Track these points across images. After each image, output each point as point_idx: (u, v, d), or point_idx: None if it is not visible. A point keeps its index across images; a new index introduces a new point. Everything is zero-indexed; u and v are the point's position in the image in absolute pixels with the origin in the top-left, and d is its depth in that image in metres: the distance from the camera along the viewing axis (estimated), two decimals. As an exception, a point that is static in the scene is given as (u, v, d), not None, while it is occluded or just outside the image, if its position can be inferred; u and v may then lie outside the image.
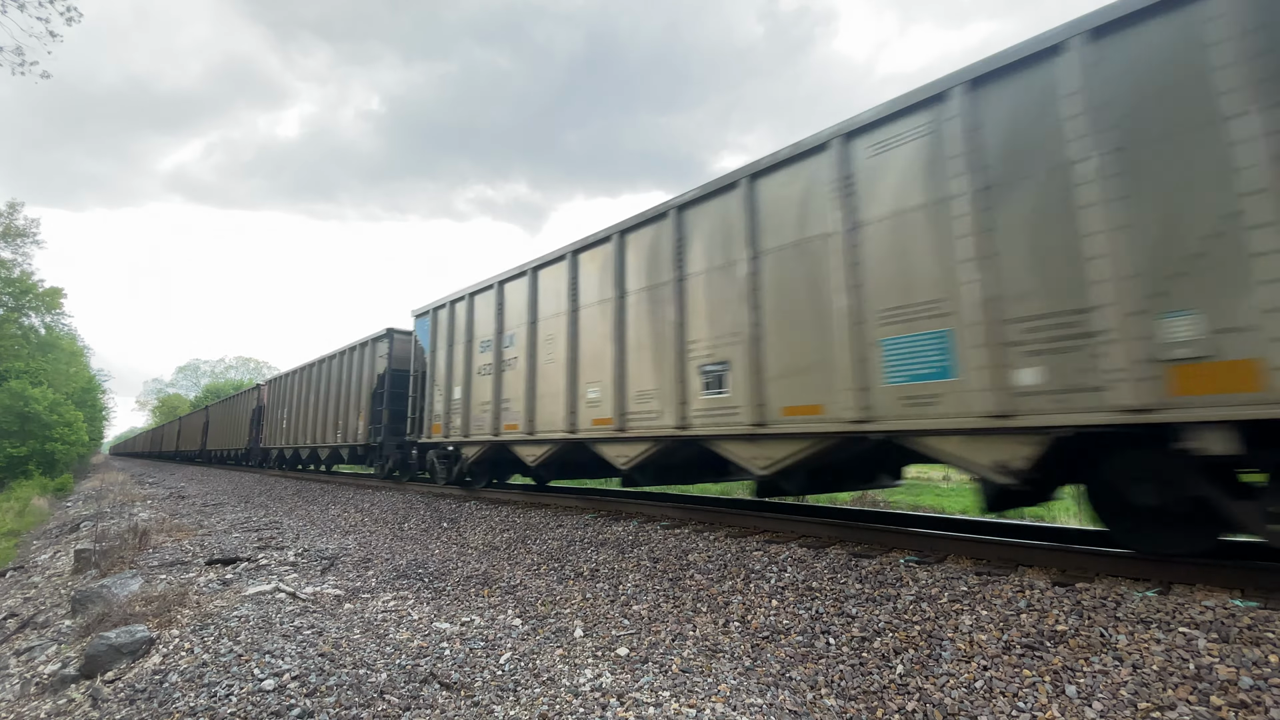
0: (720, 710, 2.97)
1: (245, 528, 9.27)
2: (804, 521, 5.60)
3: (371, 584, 5.59)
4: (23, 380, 28.82)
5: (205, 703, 3.20)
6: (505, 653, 3.77)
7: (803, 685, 3.23)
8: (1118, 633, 3.03)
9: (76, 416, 31.62)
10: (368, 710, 3.07)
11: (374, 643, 3.94)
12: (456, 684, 3.37)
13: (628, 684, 3.29)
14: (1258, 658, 2.65)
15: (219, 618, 4.44)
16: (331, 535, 8.45)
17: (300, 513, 11.01)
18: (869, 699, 3.04)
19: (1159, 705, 2.56)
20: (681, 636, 3.93)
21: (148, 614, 4.59)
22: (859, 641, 3.52)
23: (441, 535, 7.68)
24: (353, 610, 4.72)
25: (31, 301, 29.50)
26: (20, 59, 11.52)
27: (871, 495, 18.43)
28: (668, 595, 4.60)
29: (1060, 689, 2.79)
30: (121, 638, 4.04)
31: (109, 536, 8.11)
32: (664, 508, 6.86)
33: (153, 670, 3.67)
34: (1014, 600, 3.49)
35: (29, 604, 6.66)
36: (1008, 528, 5.60)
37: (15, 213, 28.83)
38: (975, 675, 3.00)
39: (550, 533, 6.68)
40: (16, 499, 19.13)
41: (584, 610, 4.57)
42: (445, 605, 4.86)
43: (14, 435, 27.79)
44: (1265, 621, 2.85)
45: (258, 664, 3.57)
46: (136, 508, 12.81)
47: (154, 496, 15.52)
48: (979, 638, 3.26)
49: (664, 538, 5.73)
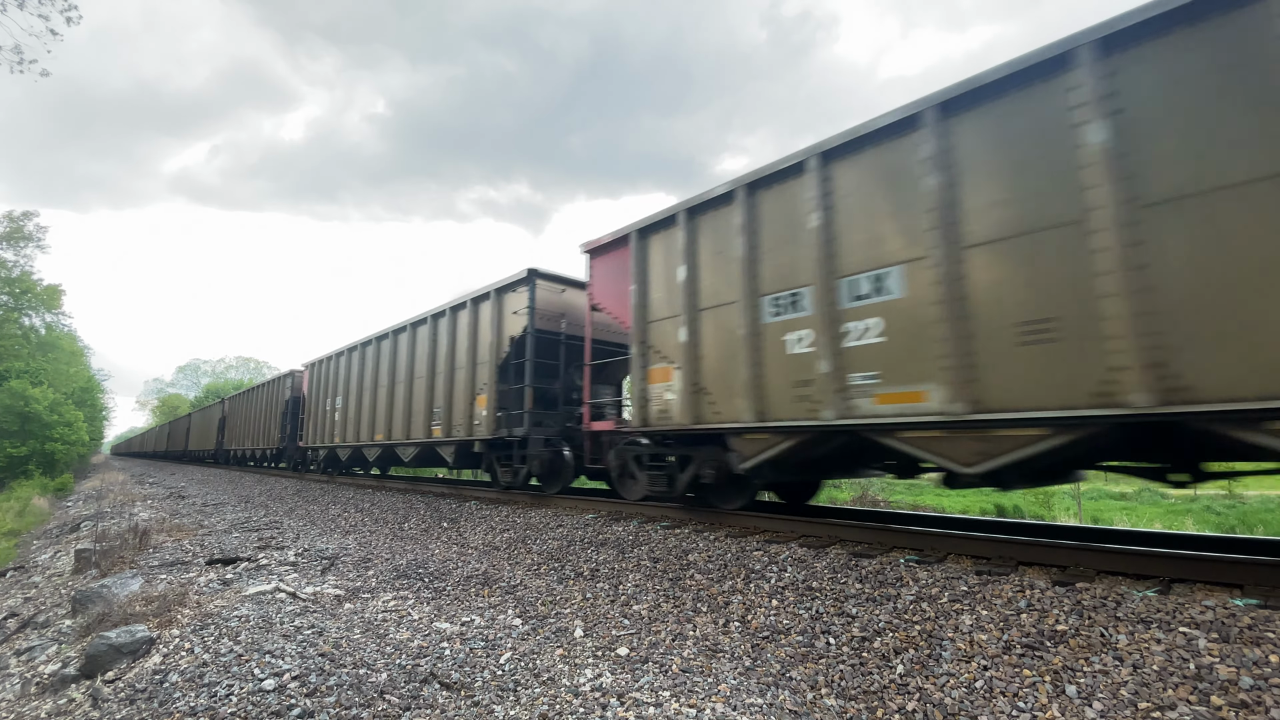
0: (720, 710, 2.97)
1: (245, 527, 9.27)
2: (804, 521, 5.60)
3: (372, 584, 5.59)
4: (23, 380, 28.85)
5: (205, 703, 3.20)
6: (505, 653, 3.77)
7: (803, 685, 3.23)
8: (1118, 632, 3.03)
9: (76, 416, 31.65)
10: (368, 710, 3.07)
11: (374, 642, 3.94)
12: (457, 684, 3.37)
13: (628, 684, 3.29)
14: (1258, 657, 2.65)
15: (219, 618, 4.44)
16: (332, 535, 8.45)
17: (300, 513, 11.01)
18: (869, 699, 3.04)
19: (1159, 705, 2.56)
20: (682, 636, 3.93)
21: (148, 614, 4.59)
22: (859, 641, 3.52)
23: (441, 535, 7.68)
24: (353, 610, 4.72)
25: (31, 301, 29.53)
26: (19, 58, 11.52)
27: (871, 495, 18.43)
28: (668, 595, 4.60)
29: (1060, 689, 2.79)
30: (122, 638, 4.04)
31: (109, 536, 8.11)
32: (665, 509, 6.85)
33: (153, 670, 3.67)
34: (1014, 600, 3.49)
35: (29, 604, 6.66)
36: (1008, 527, 5.61)
37: (27, 220, 28.92)
38: (975, 675, 3.00)
39: (550, 533, 6.68)
40: (17, 499, 19.13)
41: (584, 610, 4.57)
42: (445, 605, 4.86)
43: (14, 435, 27.81)
44: (1265, 621, 2.85)
45: (258, 664, 3.57)
46: (136, 508, 12.82)
47: (154, 496, 15.52)
48: (979, 637, 3.26)
49: (664, 538, 5.73)
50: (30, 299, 29.42)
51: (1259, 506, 17.59)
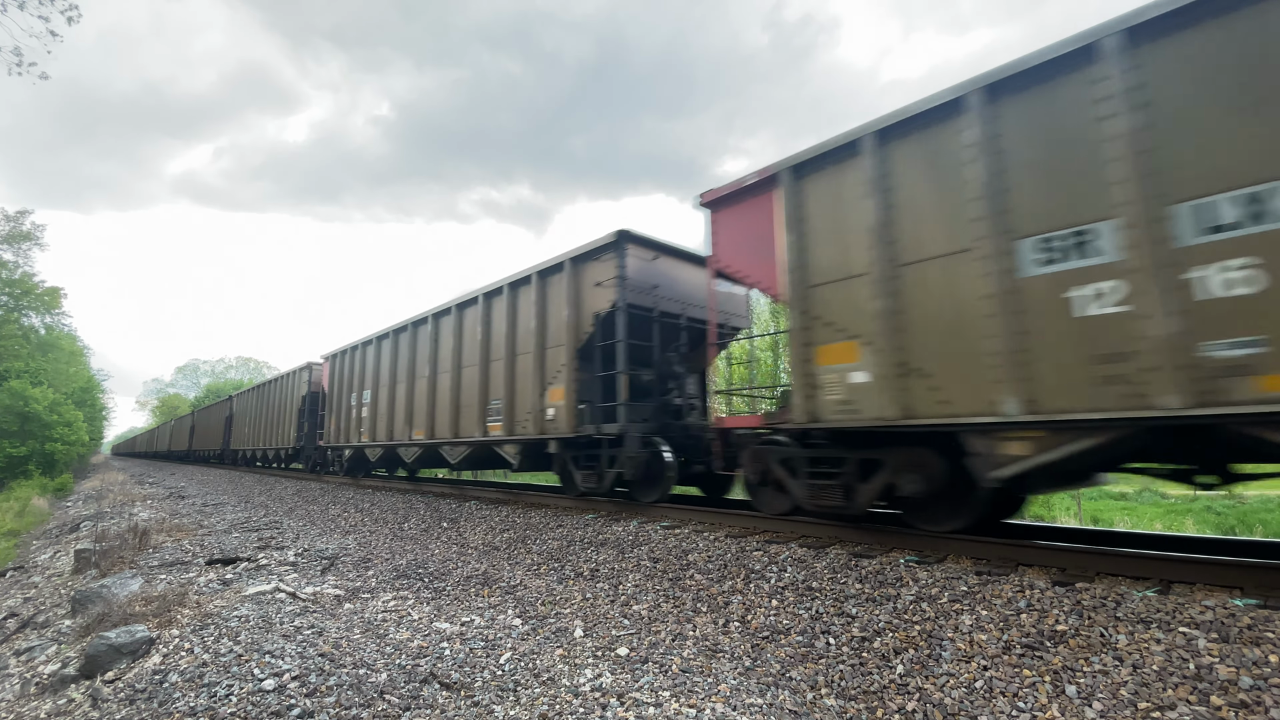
0: (720, 710, 2.97)
1: (245, 528, 9.27)
2: (804, 522, 5.60)
3: (371, 584, 5.59)
4: (23, 380, 28.86)
5: (205, 703, 3.20)
6: (505, 653, 3.77)
7: (803, 685, 3.23)
8: (1118, 633, 3.03)
9: (76, 416, 31.65)
10: (368, 710, 3.07)
11: (374, 643, 3.94)
12: (456, 684, 3.37)
13: (628, 684, 3.29)
14: (1258, 657, 2.66)
15: (219, 618, 4.44)
16: (331, 535, 8.45)
17: (300, 513, 11.01)
18: (869, 699, 3.04)
19: (1159, 705, 2.56)
20: (681, 636, 3.93)
21: (148, 614, 4.59)
22: (859, 641, 3.52)
23: (441, 535, 7.68)
24: (353, 610, 4.72)
25: (31, 301, 29.56)
26: (19, 59, 11.52)
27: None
28: (668, 595, 4.60)
29: (1060, 689, 2.79)
30: (121, 638, 4.04)
31: (109, 536, 8.11)
32: (664, 508, 6.85)
33: (153, 670, 3.67)
34: (1014, 600, 3.49)
35: (29, 604, 6.66)
36: (1008, 528, 5.60)
37: (23, 218, 28.98)
38: (975, 675, 3.01)
39: (550, 533, 6.68)
40: (16, 499, 19.14)
41: (584, 610, 4.57)
42: (445, 605, 4.86)
43: (14, 435, 27.82)
44: (1265, 621, 2.85)
45: (258, 664, 3.57)
46: (136, 508, 12.81)
47: (154, 497, 15.52)
48: (979, 638, 3.26)
49: (664, 538, 5.73)
50: (30, 300, 29.46)
51: (1259, 506, 17.58)
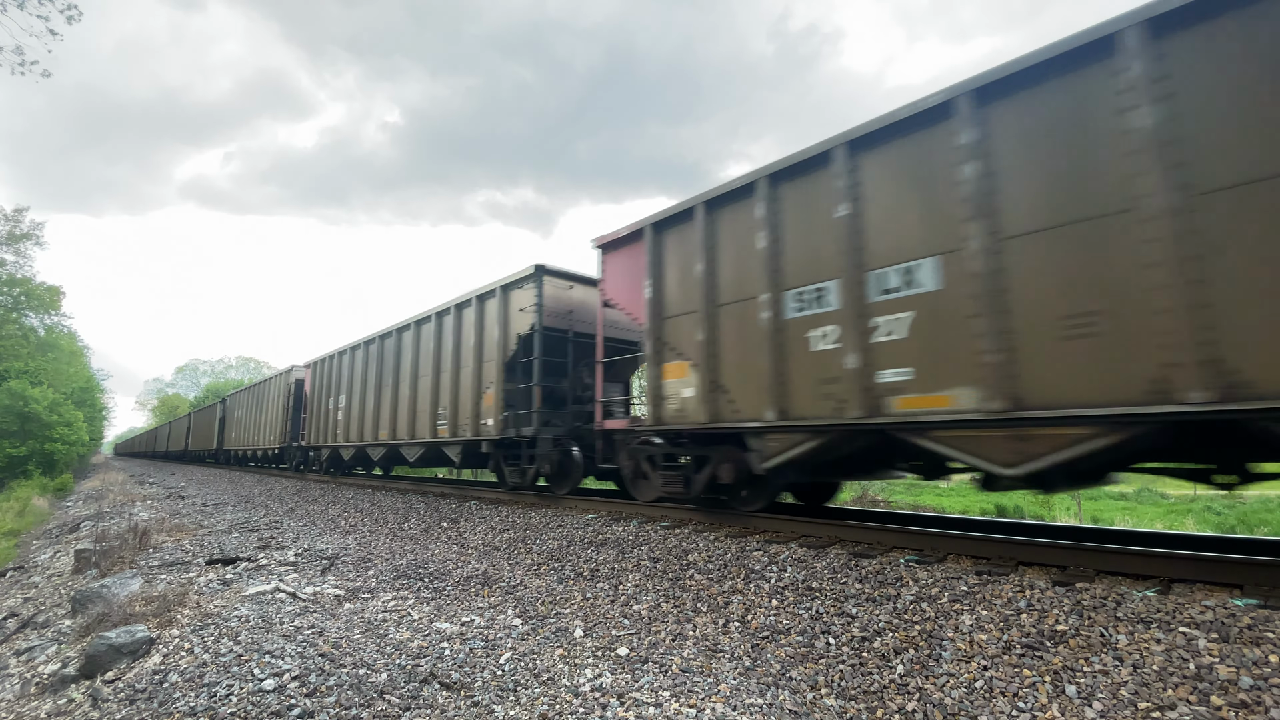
0: (720, 710, 2.97)
1: (245, 528, 9.27)
2: (804, 521, 5.60)
3: (371, 584, 5.59)
4: (23, 380, 28.84)
5: (205, 703, 3.20)
6: (505, 653, 3.77)
7: (803, 685, 3.23)
8: (1118, 633, 3.03)
9: (76, 416, 31.64)
10: (368, 710, 3.07)
11: (374, 643, 3.94)
12: (456, 684, 3.37)
13: (628, 684, 3.29)
14: (1258, 657, 2.65)
15: (219, 618, 4.44)
16: (331, 535, 8.45)
17: (300, 513, 11.01)
18: (869, 699, 3.04)
19: (1159, 705, 2.56)
20: (681, 636, 3.93)
21: (148, 614, 4.59)
22: (859, 641, 3.52)
23: (441, 535, 7.68)
24: (353, 610, 4.72)
25: (30, 301, 29.55)
26: (20, 58, 11.52)
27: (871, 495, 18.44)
28: (668, 595, 4.60)
29: (1060, 689, 2.79)
30: (121, 638, 4.04)
31: (109, 536, 8.11)
32: (678, 510, 6.82)
33: (153, 670, 3.67)
34: (1014, 600, 3.49)
35: (29, 604, 6.66)
36: (1008, 527, 5.60)
37: (21, 217, 28.98)
38: (975, 675, 3.00)
39: (550, 533, 6.67)
40: (16, 499, 19.13)
41: (584, 610, 4.57)
42: (445, 605, 4.86)
43: (14, 435, 27.80)
44: (1265, 621, 2.85)
45: (258, 664, 3.57)
46: (136, 508, 12.81)
47: (154, 496, 15.52)
48: (979, 637, 3.26)
49: (664, 538, 5.73)
50: (30, 300, 29.46)
51: (1259, 506, 17.58)
